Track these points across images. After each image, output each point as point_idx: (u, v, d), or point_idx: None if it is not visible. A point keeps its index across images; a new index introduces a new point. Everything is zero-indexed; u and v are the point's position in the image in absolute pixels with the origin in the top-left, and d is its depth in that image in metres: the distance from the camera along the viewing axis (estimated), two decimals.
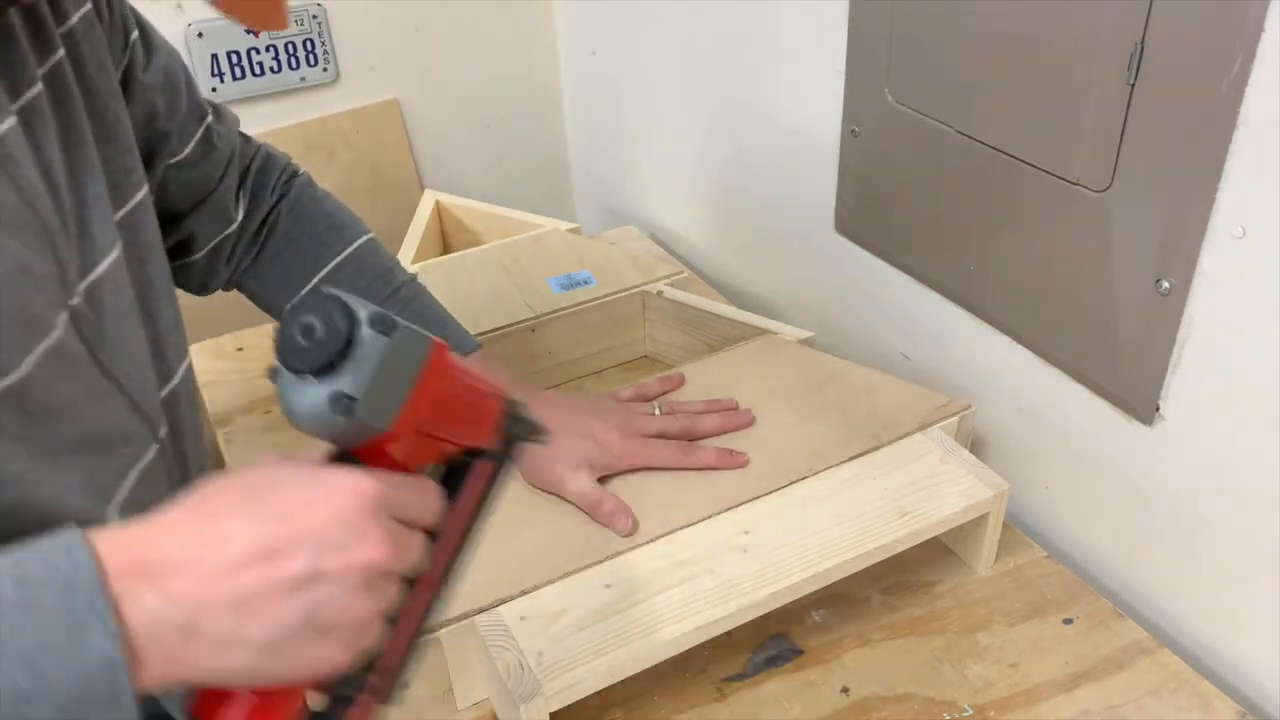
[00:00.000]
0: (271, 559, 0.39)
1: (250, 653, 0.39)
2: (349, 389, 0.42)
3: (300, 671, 0.40)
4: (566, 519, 0.79)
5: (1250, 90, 0.63)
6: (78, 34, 0.59)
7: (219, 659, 0.38)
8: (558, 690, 0.66)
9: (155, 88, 0.68)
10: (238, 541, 0.39)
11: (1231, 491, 0.74)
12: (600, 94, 1.50)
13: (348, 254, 0.81)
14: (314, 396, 0.42)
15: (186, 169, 0.73)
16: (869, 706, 0.74)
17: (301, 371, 0.42)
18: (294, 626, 0.39)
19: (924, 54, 0.87)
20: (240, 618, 0.38)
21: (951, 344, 0.96)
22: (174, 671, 0.38)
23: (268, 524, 0.40)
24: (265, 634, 0.39)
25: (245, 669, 0.39)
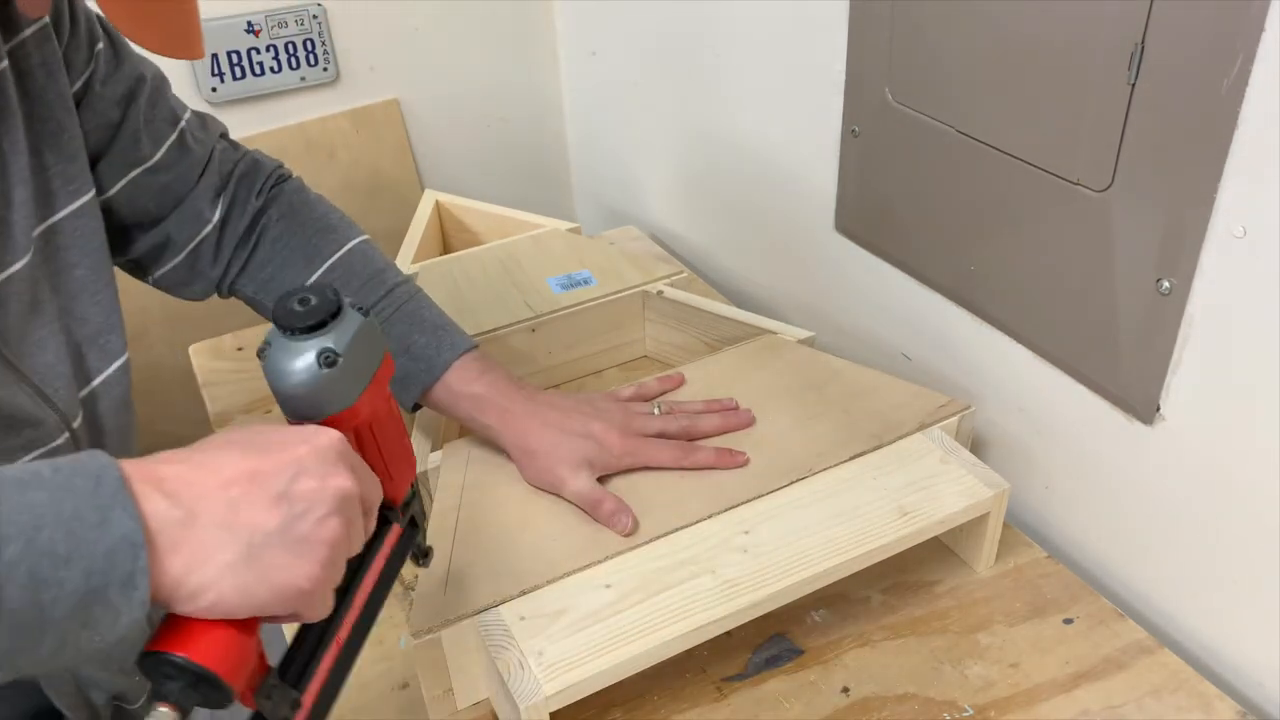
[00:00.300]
0: (257, 478, 0.46)
1: (236, 550, 0.44)
2: (334, 344, 0.52)
3: (276, 583, 0.45)
4: (566, 519, 0.79)
5: (1250, 90, 0.63)
6: (29, 45, 0.62)
7: (211, 553, 0.43)
8: (558, 690, 0.66)
9: (116, 99, 0.71)
10: (230, 467, 0.46)
11: (1231, 491, 0.74)
12: (600, 94, 1.50)
13: (340, 255, 0.81)
14: (305, 352, 0.51)
15: (161, 172, 0.75)
16: (869, 706, 0.74)
17: (296, 331, 0.52)
18: (275, 531, 0.45)
19: (924, 54, 0.87)
20: (230, 515, 0.44)
21: (951, 344, 0.96)
22: (174, 567, 0.43)
23: (254, 456, 0.47)
24: (248, 533, 0.44)
25: (230, 568, 0.44)
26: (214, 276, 0.81)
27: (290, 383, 0.52)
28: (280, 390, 0.53)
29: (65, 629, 0.40)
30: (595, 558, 0.75)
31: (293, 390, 0.52)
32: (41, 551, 0.39)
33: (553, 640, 0.69)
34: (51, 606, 0.39)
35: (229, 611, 0.45)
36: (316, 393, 0.53)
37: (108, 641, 0.41)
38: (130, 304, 0.82)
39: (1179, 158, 0.69)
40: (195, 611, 0.44)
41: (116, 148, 0.72)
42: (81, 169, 0.67)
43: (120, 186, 0.73)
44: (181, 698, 0.45)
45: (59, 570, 0.40)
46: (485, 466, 0.84)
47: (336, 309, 0.53)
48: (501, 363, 0.86)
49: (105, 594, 0.41)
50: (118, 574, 0.41)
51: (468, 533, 0.78)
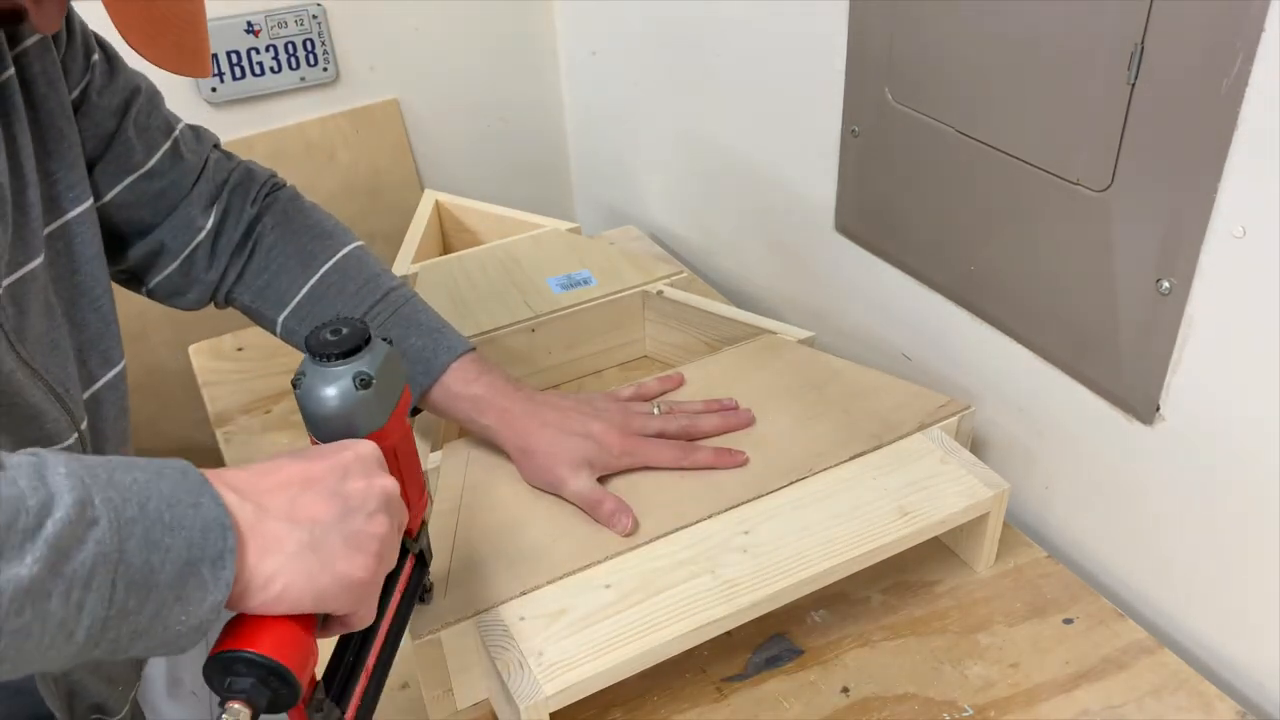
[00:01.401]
0: (311, 479, 0.50)
1: (299, 540, 0.48)
2: (368, 368, 0.56)
3: (337, 572, 0.49)
4: (566, 519, 0.79)
5: (1250, 90, 0.63)
6: (30, 55, 0.64)
7: (280, 542, 0.47)
8: (558, 690, 0.66)
9: (112, 109, 0.73)
10: (285, 470, 0.50)
11: (1231, 491, 0.74)
12: (600, 94, 1.50)
13: (335, 261, 0.81)
14: (341, 377, 0.56)
15: (154, 179, 0.76)
16: (869, 706, 0.74)
17: (331, 358, 0.56)
18: (333, 524, 0.49)
19: (924, 54, 0.87)
20: (292, 509, 0.48)
21: (951, 344, 0.96)
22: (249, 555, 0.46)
23: (304, 462, 0.51)
24: (309, 526, 0.48)
25: (296, 557, 0.47)
26: (209, 284, 0.81)
27: (328, 407, 0.56)
28: (318, 414, 0.56)
29: (164, 598, 0.43)
30: (595, 558, 0.75)
31: (331, 413, 0.56)
32: (152, 518, 0.42)
33: (552, 640, 0.69)
34: (159, 569, 0.42)
35: (295, 600, 0.47)
36: (352, 414, 0.56)
37: (191, 623, 0.44)
38: (130, 305, 0.82)
39: (1179, 158, 0.69)
40: (266, 601, 0.47)
41: (111, 155, 0.73)
42: (81, 176, 0.68)
43: (115, 193, 0.74)
44: (253, 693, 0.46)
45: (166, 536, 0.43)
46: (485, 466, 0.84)
47: (367, 337, 0.57)
48: (501, 363, 0.86)
49: (199, 569, 0.43)
50: (210, 551, 0.44)
51: (468, 533, 0.78)
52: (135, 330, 1.33)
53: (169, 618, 0.43)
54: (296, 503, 0.49)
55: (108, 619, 0.41)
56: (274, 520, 0.47)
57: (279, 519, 0.48)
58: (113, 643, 0.42)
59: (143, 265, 0.80)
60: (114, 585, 0.41)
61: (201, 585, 0.44)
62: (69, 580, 0.40)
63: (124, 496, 0.42)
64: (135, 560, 0.41)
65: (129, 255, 0.78)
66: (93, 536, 0.40)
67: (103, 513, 0.41)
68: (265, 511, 0.47)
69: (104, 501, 0.41)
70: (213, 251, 0.80)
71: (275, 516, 0.47)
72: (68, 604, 0.40)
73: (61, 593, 0.39)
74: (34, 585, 0.39)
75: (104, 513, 0.41)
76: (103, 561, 0.40)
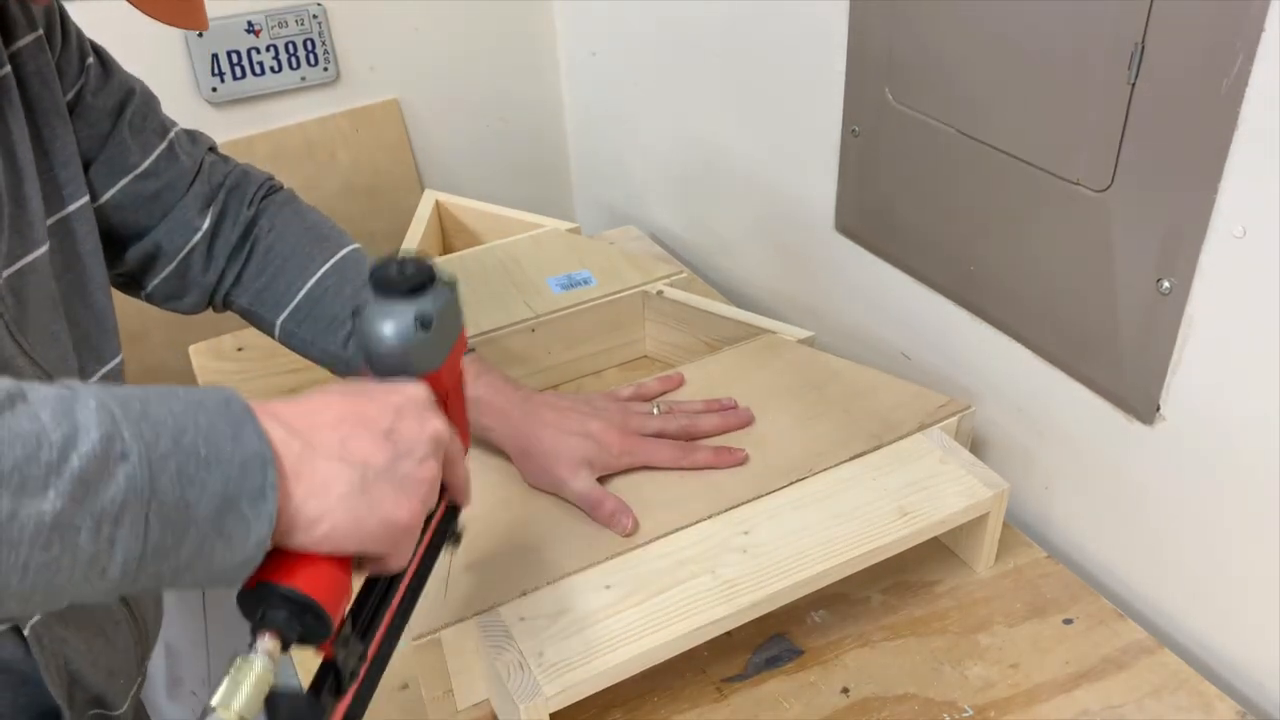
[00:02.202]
0: (363, 418, 0.49)
1: (350, 481, 0.47)
2: (429, 309, 0.55)
3: (383, 516, 0.48)
4: (566, 519, 0.79)
5: (1250, 90, 0.63)
6: (24, 55, 0.64)
7: (329, 483, 0.46)
8: (558, 690, 0.66)
9: (107, 110, 0.73)
10: (337, 408, 0.49)
11: (1231, 491, 0.74)
12: (600, 94, 1.50)
13: (334, 263, 0.81)
14: (401, 315, 0.55)
15: (150, 180, 0.76)
16: (869, 707, 0.74)
17: (394, 294, 0.55)
18: (381, 468, 0.48)
19: (924, 54, 0.87)
20: (343, 449, 0.47)
21: (951, 344, 0.96)
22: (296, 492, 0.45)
23: (357, 400, 0.50)
24: (361, 467, 0.47)
25: (344, 499, 0.47)
26: (206, 286, 0.81)
27: (387, 344, 0.55)
28: (376, 350, 0.56)
29: (204, 534, 0.42)
30: (595, 558, 0.75)
31: (388, 350, 0.55)
32: (187, 452, 0.41)
33: (552, 641, 0.69)
34: (195, 505, 0.41)
35: (339, 543, 0.47)
36: (409, 354, 0.56)
37: (235, 559, 0.43)
38: (131, 304, 0.82)
39: (1179, 158, 0.69)
40: (310, 541, 0.46)
41: (106, 155, 0.74)
42: (77, 173, 0.69)
43: (110, 194, 0.74)
44: (285, 627, 0.46)
45: (201, 472, 0.42)
46: (485, 467, 0.84)
47: (432, 277, 0.56)
48: (501, 363, 0.86)
49: (239, 505, 0.43)
50: (249, 486, 0.43)
51: (468, 533, 0.77)
52: (135, 330, 1.33)
53: (211, 554, 0.42)
54: (348, 443, 0.48)
55: (144, 555, 0.41)
56: (324, 459, 0.47)
57: (329, 458, 0.47)
58: (154, 577, 0.42)
59: (140, 268, 0.80)
60: (147, 521, 0.40)
61: (242, 522, 0.43)
62: (97, 516, 0.39)
63: (156, 431, 0.41)
64: (169, 497, 0.41)
65: (126, 258, 0.78)
66: (122, 472, 0.40)
67: (133, 448, 0.40)
68: (314, 449, 0.46)
69: (134, 436, 0.40)
70: (209, 253, 0.80)
71: (325, 455, 0.47)
72: (98, 540, 0.39)
73: (90, 528, 0.39)
74: (59, 520, 0.38)
75: (134, 447, 0.40)
76: (134, 497, 0.40)
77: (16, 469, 0.37)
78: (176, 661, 1.20)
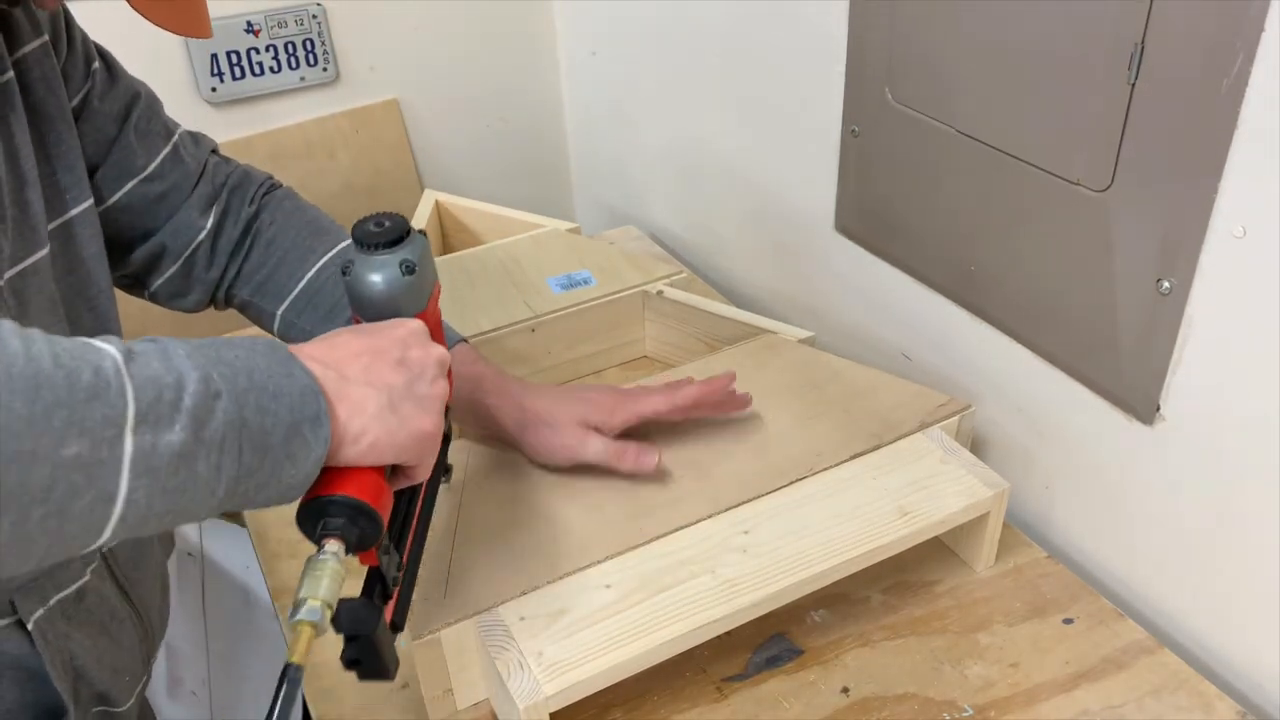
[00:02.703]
0: (377, 351, 0.57)
1: (380, 401, 0.54)
2: (411, 256, 0.63)
3: (411, 428, 0.55)
4: (566, 519, 0.79)
5: (1250, 90, 0.63)
6: (29, 61, 0.66)
7: (364, 404, 0.54)
8: (558, 690, 0.66)
9: (113, 114, 0.75)
10: (353, 344, 0.56)
11: (1231, 491, 0.74)
12: (600, 94, 1.50)
13: (332, 254, 0.82)
14: (387, 264, 0.63)
15: (155, 182, 0.77)
16: (869, 706, 0.74)
17: (378, 247, 0.63)
18: (403, 388, 0.56)
19: (924, 54, 0.87)
20: (368, 376, 0.55)
21: (951, 344, 0.96)
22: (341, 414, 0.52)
23: (367, 337, 0.57)
24: (386, 389, 0.55)
25: (378, 416, 0.54)
26: (210, 283, 0.82)
27: (377, 290, 0.63)
28: (367, 298, 0.63)
29: (278, 457, 0.49)
30: (595, 558, 0.75)
31: (379, 296, 0.63)
32: (260, 388, 0.49)
33: (553, 640, 0.69)
34: (272, 432, 0.48)
35: (380, 453, 0.54)
36: (398, 297, 0.63)
37: (299, 477, 0.50)
38: (132, 304, 0.82)
39: (1179, 158, 0.69)
40: (356, 454, 0.53)
41: (112, 159, 0.75)
42: (80, 178, 0.69)
43: (117, 198, 0.75)
44: (345, 531, 0.53)
45: (272, 403, 0.49)
46: (485, 467, 0.84)
47: (408, 229, 0.64)
48: (501, 363, 0.87)
49: (301, 429, 0.50)
50: (308, 413, 0.50)
51: (468, 533, 0.78)
52: (136, 330, 1.32)
53: (282, 473, 0.49)
54: (370, 370, 0.55)
55: (238, 477, 0.47)
56: (355, 385, 0.54)
57: (359, 384, 0.54)
58: (242, 496, 0.48)
59: (145, 268, 0.80)
60: (240, 448, 0.47)
61: (304, 443, 0.50)
62: (208, 445, 0.46)
63: (233, 370, 0.48)
64: (253, 425, 0.48)
65: (131, 259, 0.79)
66: (219, 407, 0.46)
67: (222, 386, 0.47)
68: (346, 378, 0.54)
69: (220, 376, 0.47)
70: (213, 251, 0.81)
71: (355, 382, 0.54)
72: (210, 465, 0.46)
73: (204, 456, 0.46)
74: (184, 450, 0.45)
75: (223, 386, 0.47)
76: (230, 428, 0.47)
77: (151, 408, 0.44)
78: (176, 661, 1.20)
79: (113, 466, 0.43)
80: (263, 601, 1.25)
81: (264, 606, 1.25)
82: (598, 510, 0.79)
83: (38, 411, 0.40)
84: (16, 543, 0.41)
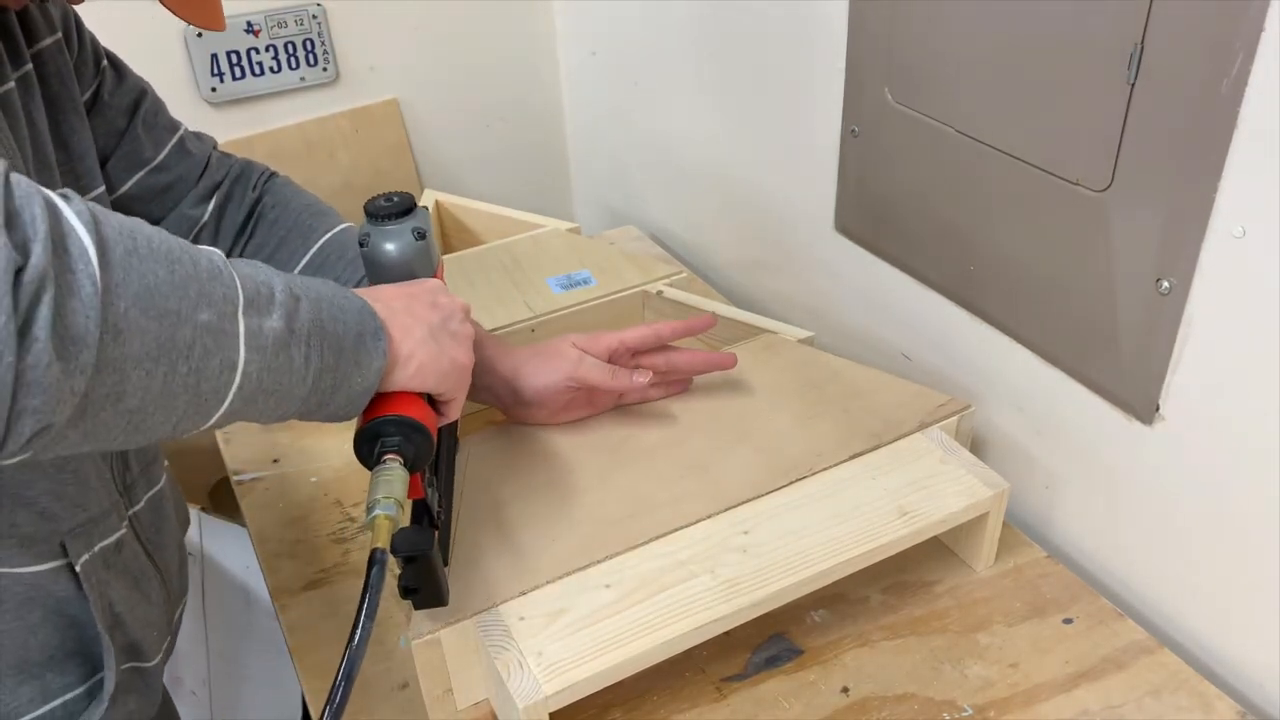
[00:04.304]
0: (412, 295, 0.64)
1: (423, 331, 0.62)
2: (420, 224, 0.71)
3: (451, 356, 0.63)
4: (567, 519, 0.79)
5: (1250, 90, 0.63)
6: (45, 55, 0.69)
7: (410, 331, 0.61)
8: (557, 690, 0.66)
9: (123, 109, 0.78)
10: (391, 290, 0.64)
11: (1231, 491, 0.74)
12: (600, 94, 1.50)
13: (331, 236, 0.85)
14: (400, 232, 0.70)
15: (164, 173, 0.81)
16: (869, 706, 0.74)
17: (391, 218, 0.70)
18: (440, 324, 0.64)
19: (924, 54, 0.87)
20: (409, 310, 0.62)
21: (951, 344, 0.96)
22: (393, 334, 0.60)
23: (399, 287, 0.65)
24: (427, 322, 0.63)
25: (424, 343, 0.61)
26: None
27: (392, 257, 0.70)
28: (384, 264, 0.70)
29: (349, 360, 0.56)
30: (595, 558, 0.75)
31: (395, 262, 0.70)
32: (329, 300, 0.56)
33: (552, 640, 0.69)
34: (344, 337, 0.56)
35: (426, 378, 0.61)
36: (413, 261, 0.70)
37: (363, 385, 0.57)
38: None
39: (1179, 158, 0.69)
40: (405, 377, 0.60)
41: (122, 151, 0.78)
42: (92, 166, 0.73)
43: (127, 187, 0.79)
44: (402, 448, 0.59)
45: (340, 314, 0.56)
46: (485, 466, 0.84)
47: (414, 201, 0.71)
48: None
49: (365, 340, 0.57)
50: (368, 327, 0.58)
51: (467, 533, 0.78)
52: None
53: (351, 377, 0.57)
54: (411, 307, 0.62)
55: (321, 370, 0.54)
56: (400, 315, 0.61)
57: (403, 315, 0.61)
58: (320, 395, 0.55)
59: None
60: (322, 346, 0.54)
61: (368, 353, 0.57)
62: (299, 336, 0.53)
63: (304, 284, 0.55)
64: (330, 329, 0.55)
65: None
66: (302, 308, 0.53)
67: (301, 292, 0.54)
68: (392, 310, 0.61)
69: (297, 285, 0.54)
70: (216, 234, 0.85)
71: (400, 313, 0.61)
72: (301, 355, 0.53)
73: (297, 345, 0.53)
74: (282, 336, 0.52)
75: (301, 292, 0.54)
76: (314, 326, 0.54)
77: (254, 296, 0.51)
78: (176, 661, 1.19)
79: (233, 337, 0.49)
80: (263, 601, 1.25)
81: (264, 606, 1.25)
82: (598, 510, 0.79)
83: (177, 279, 0.47)
84: (165, 396, 0.47)
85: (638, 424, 0.88)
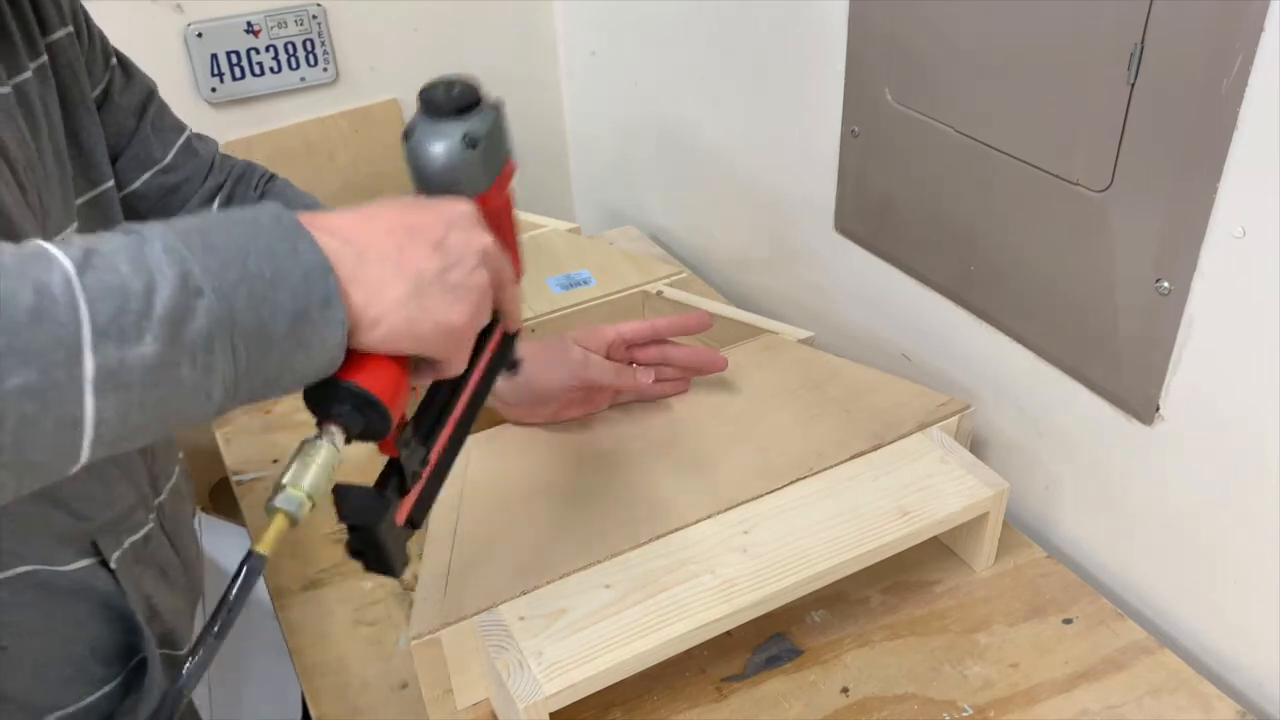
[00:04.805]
0: (415, 229, 0.51)
1: (404, 287, 0.49)
2: (476, 129, 0.58)
3: (437, 319, 0.51)
4: (567, 519, 0.79)
5: (1250, 90, 0.63)
6: (57, 48, 0.69)
7: (384, 288, 0.49)
8: (557, 690, 0.66)
9: (131, 108, 0.78)
10: (389, 219, 0.51)
11: (1231, 491, 0.74)
12: (600, 94, 1.50)
13: None
14: (449, 135, 0.57)
15: (171, 173, 0.81)
16: (869, 706, 0.74)
17: (442, 114, 0.58)
18: (433, 274, 0.51)
19: (924, 54, 0.87)
20: (397, 256, 0.50)
21: (951, 344, 0.96)
22: (356, 297, 0.48)
23: (408, 213, 0.52)
24: (415, 274, 0.50)
25: (400, 303, 0.49)
26: None
27: (435, 163, 0.58)
28: (424, 169, 0.58)
29: (285, 349, 0.45)
30: (595, 558, 0.75)
31: (436, 169, 0.58)
32: (254, 276, 0.44)
33: (552, 640, 0.69)
34: (272, 323, 0.44)
35: (397, 343, 0.50)
36: (456, 172, 0.58)
37: (318, 364, 0.47)
38: None
39: (1179, 158, 0.69)
40: (370, 342, 0.49)
41: (131, 150, 0.79)
42: (102, 160, 0.73)
43: (136, 186, 0.79)
44: (349, 420, 0.50)
45: (270, 292, 0.44)
46: (486, 466, 0.84)
47: (478, 99, 0.59)
48: None
49: (310, 315, 0.46)
50: (316, 296, 0.46)
51: (468, 533, 0.78)
52: None
53: (295, 363, 0.46)
54: (402, 251, 0.50)
55: (238, 377, 0.44)
56: (377, 265, 0.49)
57: (383, 263, 0.49)
58: (249, 393, 0.46)
59: None
60: (234, 346, 0.44)
61: (316, 330, 0.46)
62: (191, 350, 0.42)
63: (223, 261, 0.44)
64: (247, 321, 0.44)
65: None
66: (201, 307, 0.43)
67: (205, 282, 0.43)
68: (366, 257, 0.49)
69: (204, 271, 0.43)
70: None
71: (379, 261, 0.49)
72: (196, 370, 0.43)
73: (188, 362, 0.42)
74: (159, 360, 0.41)
75: (206, 282, 0.43)
76: (218, 328, 0.43)
77: (113, 322, 0.40)
78: None
79: (71, 389, 0.40)
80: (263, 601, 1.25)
81: (264, 606, 1.25)
82: (598, 510, 0.79)
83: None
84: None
85: (638, 424, 0.88)
